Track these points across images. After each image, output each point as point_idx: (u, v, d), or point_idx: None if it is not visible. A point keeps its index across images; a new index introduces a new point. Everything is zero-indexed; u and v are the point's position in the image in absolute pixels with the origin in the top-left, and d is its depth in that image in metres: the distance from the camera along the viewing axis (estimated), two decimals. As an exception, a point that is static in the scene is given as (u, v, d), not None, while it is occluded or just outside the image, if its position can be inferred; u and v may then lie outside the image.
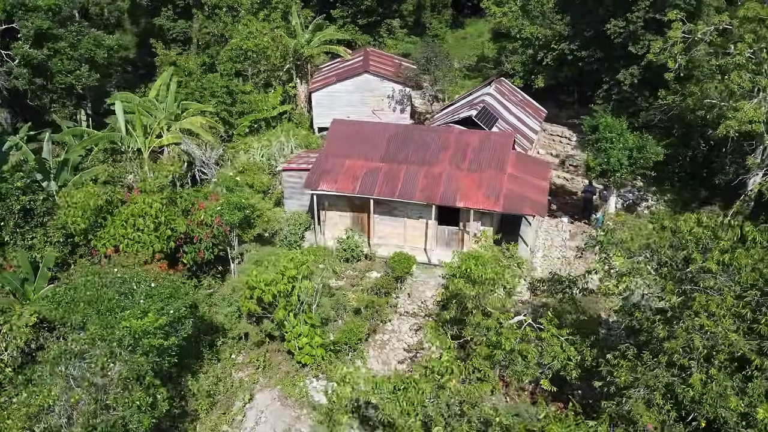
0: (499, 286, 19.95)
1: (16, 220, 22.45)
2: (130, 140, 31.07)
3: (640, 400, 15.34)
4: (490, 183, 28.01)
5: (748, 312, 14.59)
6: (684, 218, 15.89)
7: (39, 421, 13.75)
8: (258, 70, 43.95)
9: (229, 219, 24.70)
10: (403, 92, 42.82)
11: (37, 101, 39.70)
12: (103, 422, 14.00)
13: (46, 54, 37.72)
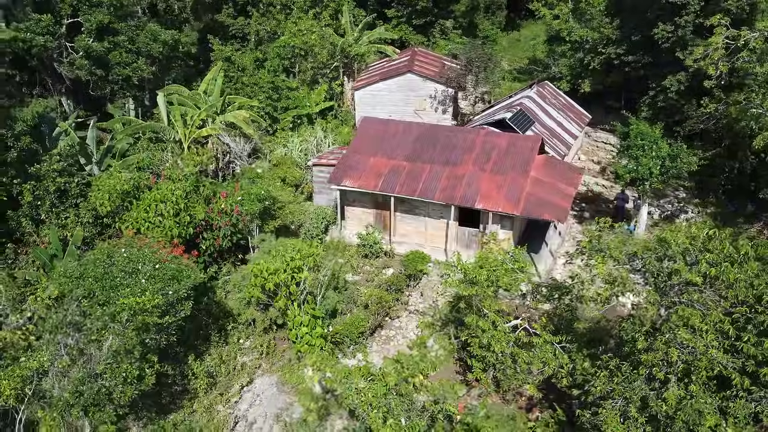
0: (494, 289, 19.84)
1: (52, 200, 24.19)
2: (170, 130, 32.62)
3: (615, 411, 15.02)
4: (511, 186, 27.77)
5: (731, 329, 14.02)
6: (672, 228, 15.39)
7: (31, 383, 14.96)
8: (305, 67, 45.03)
9: (248, 209, 25.65)
10: (445, 93, 42.78)
11: (98, 91, 42.14)
12: (89, 389, 15.04)
13: (106, 47, 40.05)
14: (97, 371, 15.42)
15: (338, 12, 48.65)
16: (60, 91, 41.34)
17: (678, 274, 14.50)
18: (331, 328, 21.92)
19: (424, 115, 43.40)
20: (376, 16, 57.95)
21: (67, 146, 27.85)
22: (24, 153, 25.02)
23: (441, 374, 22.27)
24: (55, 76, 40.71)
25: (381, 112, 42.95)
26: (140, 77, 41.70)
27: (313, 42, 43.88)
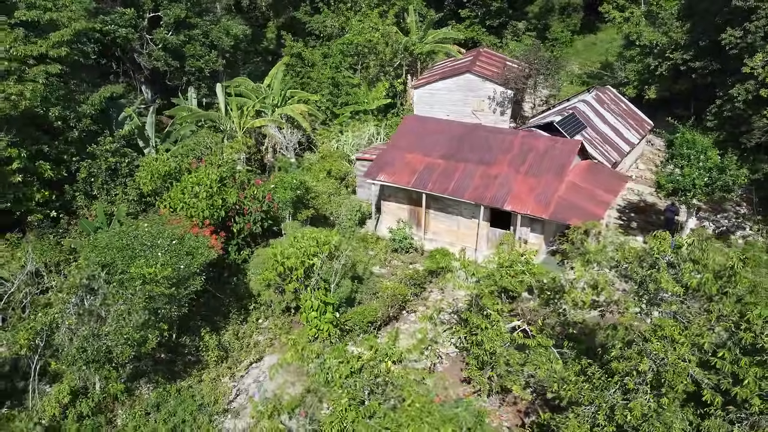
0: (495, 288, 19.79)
1: (103, 178, 26.44)
2: (226, 120, 34.51)
3: (584, 418, 14.78)
4: (543, 189, 27.40)
5: (706, 343, 13.46)
6: (656, 234, 14.91)
7: (42, 337, 16.72)
8: (367, 64, 45.99)
9: (281, 197, 26.85)
10: (504, 94, 42.43)
11: (175, 81, 45.03)
12: (91, 347, 16.60)
13: (182, 40, 42.75)
14: (102, 332, 16.95)
15: (405, 10, 49.28)
16: (139, 80, 44.50)
17: (656, 282, 14.07)
18: (338, 315, 22.59)
19: (482, 116, 43.25)
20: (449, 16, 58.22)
21: (128, 130, 30.20)
22: (84, 133, 27.45)
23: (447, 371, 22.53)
24: (135, 66, 43.89)
25: (439, 111, 43.26)
26: (212, 69, 44.17)
27: (376, 40, 44.71)
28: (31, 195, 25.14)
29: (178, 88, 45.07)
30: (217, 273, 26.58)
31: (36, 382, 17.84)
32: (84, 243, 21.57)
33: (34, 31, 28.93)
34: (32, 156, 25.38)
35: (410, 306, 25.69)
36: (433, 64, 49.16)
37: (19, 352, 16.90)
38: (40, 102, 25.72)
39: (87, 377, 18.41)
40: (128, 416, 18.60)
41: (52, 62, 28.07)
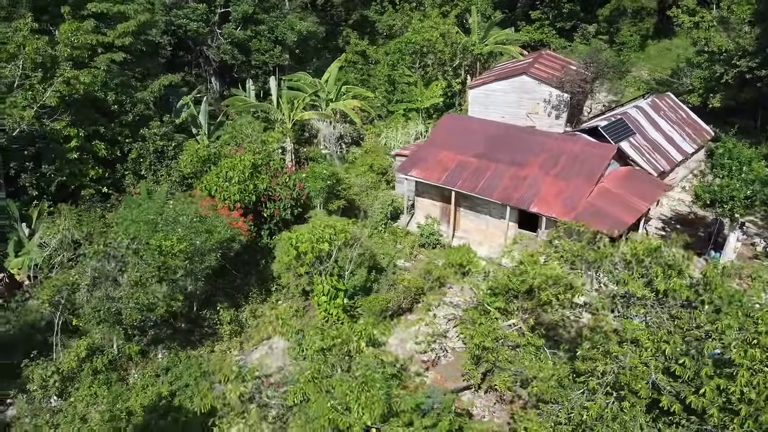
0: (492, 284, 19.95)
1: (151, 159, 28.55)
2: (277, 111, 36.13)
3: (548, 416, 14.81)
4: (571, 192, 27.02)
5: (668, 348, 13.19)
6: (633, 237, 14.65)
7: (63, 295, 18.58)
8: (425, 63, 46.48)
9: (311, 186, 27.97)
10: (560, 98, 41.69)
11: (243, 74, 47.40)
12: (104, 308, 18.28)
13: (248, 35, 44.96)
14: (115, 295, 18.61)
15: (467, 11, 49.36)
16: (209, 72, 47.17)
17: (623, 284, 13.91)
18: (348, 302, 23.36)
19: (536, 119, 42.72)
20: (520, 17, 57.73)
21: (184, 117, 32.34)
22: (138, 117, 29.72)
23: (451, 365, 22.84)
24: (205, 59, 46.57)
25: (493, 112, 43.09)
26: (276, 63, 46.17)
27: (435, 39, 45.11)
28: (86, 171, 27.57)
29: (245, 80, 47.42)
30: (250, 255, 28.10)
31: (58, 336, 19.79)
32: (117, 216, 23.51)
33: (104, 22, 31.57)
34: (89, 136, 27.81)
35: (426, 299, 26.07)
36: (495, 65, 48.93)
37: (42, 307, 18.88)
38: (100, 87, 28.09)
39: (107, 336, 20.21)
40: (139, 376, 20.24)
41: (117, 51, 30.58)
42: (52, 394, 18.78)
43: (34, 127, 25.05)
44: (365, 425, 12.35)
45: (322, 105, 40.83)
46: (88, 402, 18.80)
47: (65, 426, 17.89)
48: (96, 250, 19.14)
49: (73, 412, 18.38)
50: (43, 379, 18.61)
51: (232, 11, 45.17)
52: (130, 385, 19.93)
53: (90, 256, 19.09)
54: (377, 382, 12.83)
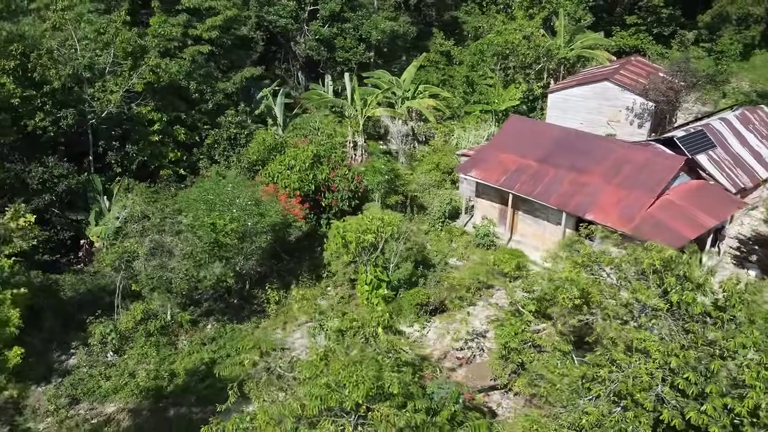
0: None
1: (224, 145, 30.53)
2: (350, 107, 37.34)
3: (553, 417, 14.80)
4: (631, 202, 26.21)
5: (674, 360, 12.85)
6: (648, 246, 14.29)
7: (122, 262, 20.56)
8: (506, 65, 46.18)
9: (369, 179, 28.87)
10: (644, 106, 40.20)
11: (327, 70, 49.17)
12: (160, 276, 20.04)
13: (334, 32, 46.57)
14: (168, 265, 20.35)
15: (555, 14, 48.44)
16: (295, 66, 49.29)
17: (636, 291, 13.66)
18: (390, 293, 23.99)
19: (617, 127, 41.41)
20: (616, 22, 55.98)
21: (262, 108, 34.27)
22: (217, 106, 31.85)
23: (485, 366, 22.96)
24: (293, 54, 48.71)
25: (572, 118, 42.18)
26: (358, 60, 47.52)
27: (517, 42, 44.73)
28: (166, 153, 29.95)
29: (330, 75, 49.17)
30: (310, 242, 29.44)
31: (119, 299, 21.85)
32: (182, 195, 25.50)
33: (196, 16, 34.03)
34: (171, 121, 30.19)
35: (470, 298, 26.22)
36: (581, 70, 47.76)
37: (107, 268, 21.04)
38: (184, 76, 30.37)
39: (164, 304, 22.09)
40: (187, 342, 21.94)
41: (204, 44, 32.91)
42: (109, 350, 20.80)
43: (122, 109, 27.57)
44: (356, 403, 12.97)
45: (398, 103, 41.64)
46: (139, 360, 20.67)
47: (115, 378, 19.80)
48: (155, 223, 20.97)
49: (124, 367, 20.31)
50: (102, 336, 20.66)
51: (320, 9, 46.92)
52: (178, 350, 21.65)
53: (149, 229, 20.95)
54: (368, 361, 13.39)
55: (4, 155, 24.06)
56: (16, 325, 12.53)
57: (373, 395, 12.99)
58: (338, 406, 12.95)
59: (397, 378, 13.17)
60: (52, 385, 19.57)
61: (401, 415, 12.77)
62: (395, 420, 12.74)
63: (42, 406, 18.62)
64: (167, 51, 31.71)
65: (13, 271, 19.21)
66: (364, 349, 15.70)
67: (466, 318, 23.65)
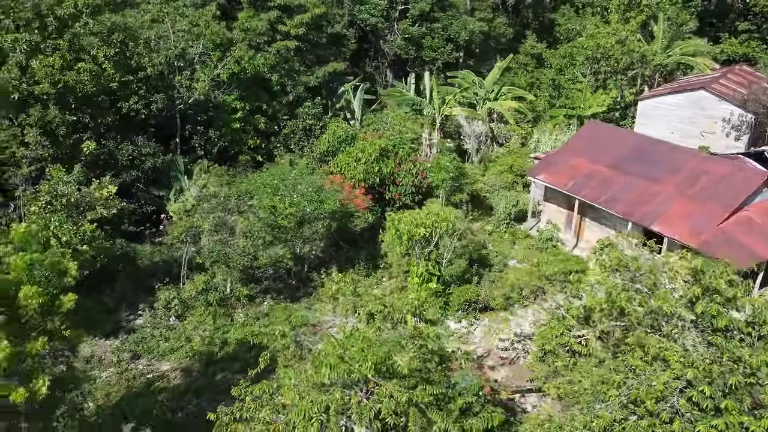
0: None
1: (300, 135, 32.05)
2: (429, 106, 37.89)
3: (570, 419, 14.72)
4: (704, 216, 24.99)
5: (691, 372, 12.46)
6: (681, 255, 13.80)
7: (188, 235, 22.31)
8: (597, 70, 44.89)
9: (434, 176, 29.33)
10: (743, 117, 37.91)
11: (415, 68, 49.99)
12: (220, 250, 21.63)
13: (422, 32, 47.25)
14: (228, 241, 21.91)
15: (653, 18, 46.46)
16: (383, 64, 50.46)
17: (658, 298, 13.33)
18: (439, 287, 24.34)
19: (712, 139, 39.28)
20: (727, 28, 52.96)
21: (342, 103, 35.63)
22: (297, 98, 33.47)
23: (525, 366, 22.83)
24: (381, 52, 49.90)
25: (662, 127, 40.45)
26: (445, 60, 47.95)
27: (610, 46, 43.39)
28: (246, 140, 31.90)
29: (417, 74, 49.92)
30: (374, 233, 30.33)
31: (185, 269, 23.71)
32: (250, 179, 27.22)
33: (287, 13, 35.89)
34: (253, 110, 32.09)
35: (522, 300, 26.05)
36: (679, 78, 45.59)
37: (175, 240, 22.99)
38: (268, 69, 32.20)
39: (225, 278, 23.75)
40: (243, 315, 23.45)
41: (291, 39, 34.66)
42: (171, 315, 22.67)
43: (208, 97, 29.72)
44: (365, 377, 13.59)
45: (480, 103, 41.68)
46: (196, 326, 22.38)
47: (173, 340, 21.59)
48: (220, 202, 22.62)
49: (182, 331, 22.08)
50: (167, 301, 22.56)
51: (410, 8, 47.76)
52: (233, 321, 23.18)
53: (215, 207, 22.62)
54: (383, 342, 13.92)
55: (101, 133, 26.67)
56: (74, 276, 14.17)
57: (382, 372, 13.56)
58: (347, 378, 13.64)
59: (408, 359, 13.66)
60: (118, 340, 21.67)
61: (403, 393, 13.26)
62: (398, 396, 13.26)
63: (107, 357, 20.70)
64: (257, 45, 33.68)
65: (94, 235, 21.44)
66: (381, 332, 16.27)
67: (507, 317, 23.59)
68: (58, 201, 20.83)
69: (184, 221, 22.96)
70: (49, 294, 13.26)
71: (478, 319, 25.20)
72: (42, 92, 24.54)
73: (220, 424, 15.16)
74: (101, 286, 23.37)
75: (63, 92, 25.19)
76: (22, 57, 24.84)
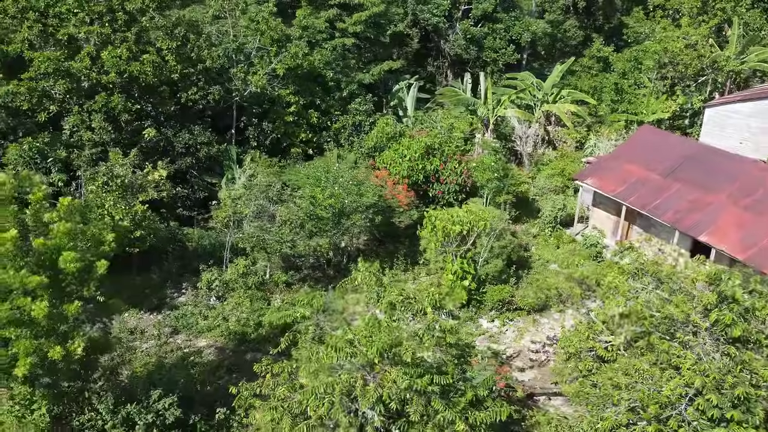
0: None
1: (350, 131, 32.76)
2: (482, 106, 37.80)
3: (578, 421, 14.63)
4: (756, 228, 23.95)
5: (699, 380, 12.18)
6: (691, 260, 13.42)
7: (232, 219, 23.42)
8: (664, 74, 43.46)
9: (478, 176, 29.36)
10: (820, 129, 35.83)
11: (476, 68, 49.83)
12: (258, 236, 22.57)
13: (484, 32, 47.09)
14: (267, 228, 22.83)
15: (728, 21, 44.45)
16: (444, 64, 50.61)
17: (668, 304, 13.07)
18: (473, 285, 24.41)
19: (784, 150, 37.33)
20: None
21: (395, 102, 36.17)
22: (350, 95, 34.21)
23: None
24: (442, 52, 50.05)
25: (730, 137, 38.69)
26: (506, 61, 47.61)
27: (678, 50, 41.92)
28: (298, 133, 32.90)
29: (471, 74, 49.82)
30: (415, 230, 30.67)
31: (228, 253, 24.82)
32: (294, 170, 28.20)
33: (346, 11, 36.75)
34: (306, 105, 33.05)
35: (558, 306, 25.72)
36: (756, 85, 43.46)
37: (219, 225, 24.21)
38: (323, 65, 33.11)
39: (266, 263, 24.74)
40: (280, 301, 24.33)
41: (350, 36, 35.47)
42: (212, 295, 23.82)
43: (264, 90, 30.90)
44: (372, 361, 13.98)
45: (537, 106, 41.19)
46: (234, 307, 23.40)
47: (211, 319, 22.69)
48: (262, 190, 23.58)
49: (220, 311, 23.16)
50: (209, 282, 23.72)
51: (473, 8, 47.67)
52: (270, 306, 24.09)
53: (257, 195, 23.62)
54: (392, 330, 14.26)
55: (161, 121, 28.26)
56: (111, 246, 15.29)
57: (389, 359, 13.96)
58: (353, 361, 14.12)
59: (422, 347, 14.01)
60: (161, 315, 22.98)
61: (404, 379, 13.59)
62: (400, 382, 13.61)
63: (149, 330, 22.01)
64: (316, 41, 34.67)
65: (144, 215, 22.86)
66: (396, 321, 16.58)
67: (535, 319, 23.41)
68: (114, 182, 22.32)
69: (228, 207, 24.04)
70: (86, 261, 14.40)
71: (512, 319, 25.10)
72: (109, 81, 26.29)
73: (240, 398, 16.06)
74: (150, 265, 24.82)
75: (128, 82, 26.88)
76: (92, 48, 26.68)
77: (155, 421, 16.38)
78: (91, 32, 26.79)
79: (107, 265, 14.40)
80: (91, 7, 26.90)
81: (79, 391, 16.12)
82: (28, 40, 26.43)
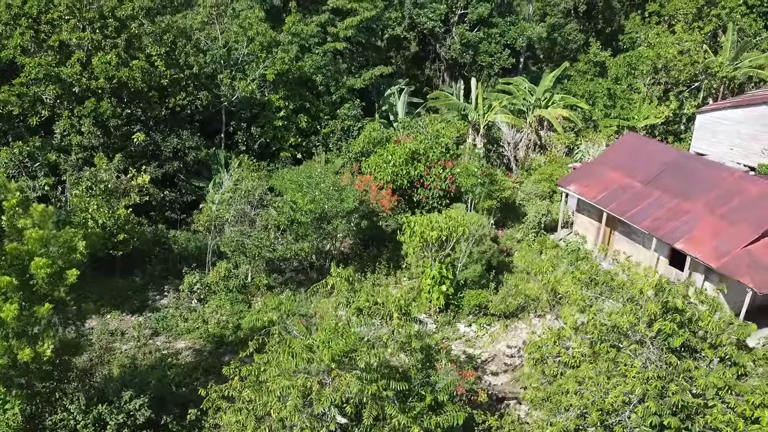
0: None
1: (338, 135, 33.20)
2: (473, 111, 38.10)
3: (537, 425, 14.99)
4: (730, 237, 24.13)
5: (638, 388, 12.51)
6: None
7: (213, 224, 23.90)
8: (656, 80, 43.58)
9: (462, 181, 29.70)
10: (811, 137, 35.89)
11: (472, 73, 50.20)
12: (238, 240, 23.04)
13: (479, 37, 47.38)
14: (246, 232, 23.31)
15: (722, 27, 44.48)
16: (440, 68, 50.96)
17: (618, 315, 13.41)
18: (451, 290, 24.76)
19: (775, 158, 37.42)
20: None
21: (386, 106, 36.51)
22: (339, 99, 34.67)
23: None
24: (438, 56, 50.41)
25: (720, 143, 38.89)
26: (501, 66, 47.89)
27: (670, 56, 42.05)
28: (287, 138, 33.40)
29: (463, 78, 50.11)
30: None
31: (210, 256, 25.33)
32: (279, 174, 28.63)
33: (339, 16, 37.18)
34: (296, 109, 33.54)
35: (539, 309, 26.02)
36: (750, 92, 43.47)
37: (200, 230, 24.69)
38: (314, 70, 33.57)
39: (248, 266, 25.21)
40: (261, 304, 24.80)
41: (341, 41, 35.91)
42: (194, 298, 24.35)
43: (253, 95, 31.40)
44: (329, 366, 14.40)
45: (529, 111, 41.42)
46: (215, 311, 23.92)
47: (191, 321, 23.20)
48: (242, 195, 24.07)
49: (201, 313, 23.68)
50: (190, 285, 24.25)
51: (469, 13, 47.98)
52: (251, 308, 24.58)
53: (237, 199, 24.11)
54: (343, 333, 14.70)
55: (150, 126, 28.84)
56: (83, 253, 15.78)
57: (344, 364, 14.38)
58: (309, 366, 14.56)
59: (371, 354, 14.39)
60: (142, 317, 23.54)
61: (355, 383, 14.01)
62: (352, 387, 14.03)
63: (129, 332, 22.55)
64: (307, 46, 35.12)
65: (127, 219, 23.41)
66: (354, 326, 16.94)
67: (506, 324, 23.77)
68: (97, 186, 22.89)
69: (209, 211, 24.57)
70: (57, 267, 14.92)
71: (489, 324, 25.43)
72: (98, 87, 26.89)
73: (208, 399, 16.54)
74: (134, 268, 25.38)
75: (118, 87, 27.46)
76: (83, 54, 27.28)
77: (126, 422, 16.88)
78: (83, 38, 27.40)
79: (77, 274, 14.88)
80: (82, 14, 27.50)
81: (52, 391, 16.64)
82: (21, 46, 27.08)
